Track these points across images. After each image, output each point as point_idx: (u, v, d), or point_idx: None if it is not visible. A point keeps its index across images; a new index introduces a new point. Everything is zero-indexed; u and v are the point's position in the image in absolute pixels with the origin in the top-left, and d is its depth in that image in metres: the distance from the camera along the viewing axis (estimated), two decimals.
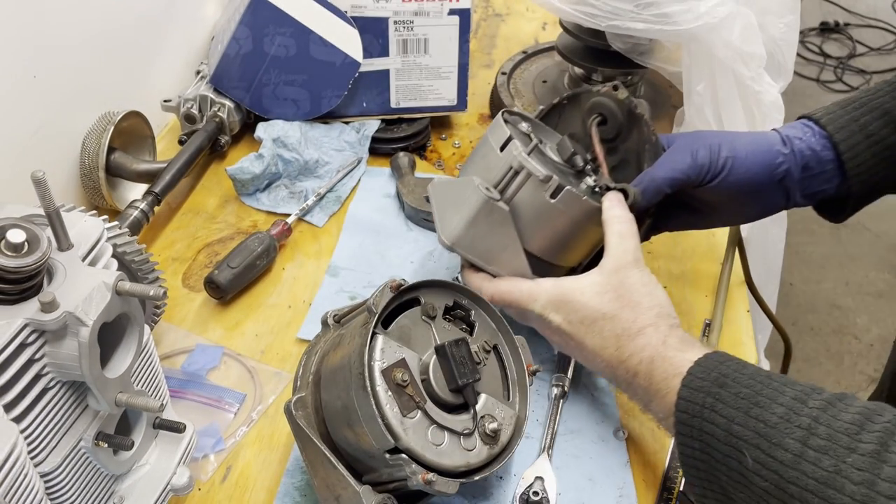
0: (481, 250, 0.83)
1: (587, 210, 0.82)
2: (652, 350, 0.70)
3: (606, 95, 0.91)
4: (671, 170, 0.82)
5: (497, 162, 0.82)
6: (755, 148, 0.83)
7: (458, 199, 0.83)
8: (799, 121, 0.86)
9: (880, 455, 0.53)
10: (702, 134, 0.85)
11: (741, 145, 0.83)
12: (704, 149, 0.82)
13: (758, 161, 0.82)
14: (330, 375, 0.71)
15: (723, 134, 0.86)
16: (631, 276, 0.75)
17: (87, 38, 1.05)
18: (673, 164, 0.82)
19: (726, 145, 0.82)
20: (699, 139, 0.84)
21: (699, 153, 0.81)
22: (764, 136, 0.84)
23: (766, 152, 0.82)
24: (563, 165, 0.86)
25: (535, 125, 0.92)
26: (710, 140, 0.83)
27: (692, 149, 0.82)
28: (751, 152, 0.82)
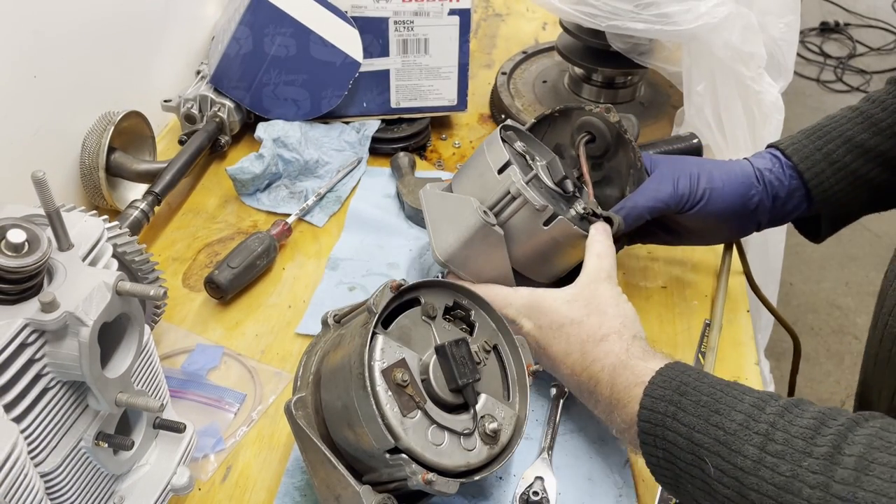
0: (472, 268, 0.86)
1: (576, 236, 0.87)
2: (614, 358, 0.72)
3: (598, 116, 0.94)
4: (653, 199, 0.86)
5: (494, 184, 0.85)
6: (731, 179, 0.87)
7: (454, 217, 0.86)
8: (767, 150, 0.91)
9: (833, 458, 0.54)
10: (682, 162, 0.90)
11: (718, 176, 0.87)
12: (685, 178, 0.86)
13: (733, 192, 0.87)
14: (330, 375, 0.72)
15: (702, 163, 0.90)
16: (601, 289, 0.79)
17: (87, 38, 1.05)
18: (655, 193, 0.86)
19: (705, 176, 0.87)
20: (680, 168, 0.88)
21: (680, 183, 0.86)
22: (739, 167, 0.89)
23: (741, 184, 0.87)
24: (554, 189, 0.89)
25: (528, 140, 0.95)
26: (689, 170, 0.87)
27: (674, 177, 0.86)
28: (727, 183, 0.87)
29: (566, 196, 0.90)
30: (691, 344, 0.94)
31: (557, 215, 0.84)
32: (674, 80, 1.26)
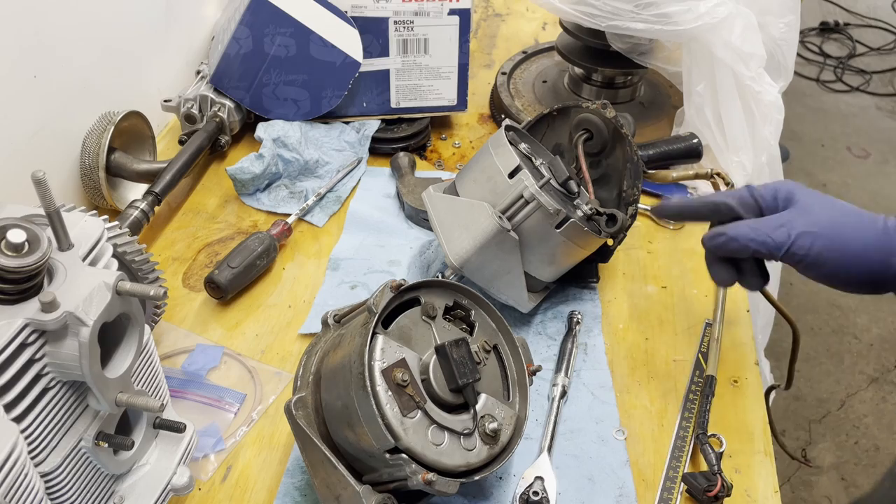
0: (487, 274, 0.88)
1: (586, 237, 0.89)
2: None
3: (595, 112, 0.95)
4: (751, 238, 0.75)
5: (505, 188, 0.87)
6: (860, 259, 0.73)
7: (467, 222, 0.87)
8: None
9: None
10: (823, 211, 0.74)
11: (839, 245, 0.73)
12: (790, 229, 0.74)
13: (857, 264, 0.73)
14: (330, 375, 0.72)
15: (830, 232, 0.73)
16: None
17: (87, 38, 1.05)
18: (755, 234, 0.75)
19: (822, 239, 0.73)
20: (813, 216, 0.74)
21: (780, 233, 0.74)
22: (882, 246, 0.72)
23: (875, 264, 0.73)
24: (560, 189, 0.90)
25: (528, 140, 0.96)
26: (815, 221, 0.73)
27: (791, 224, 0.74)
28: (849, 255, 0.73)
29: (570, 196, 0.91)
30: (691, 344, 0.94)
31: (570, 218, 0.86)
32: (674, 80, 1.26)
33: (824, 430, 2.22)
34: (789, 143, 3.22)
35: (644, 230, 1.10)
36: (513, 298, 0.91)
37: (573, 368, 0.90)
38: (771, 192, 0.77)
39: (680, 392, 0.89)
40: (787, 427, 2.22)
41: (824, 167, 3.17)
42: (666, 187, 1.15)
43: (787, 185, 0.77)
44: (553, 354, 0.92)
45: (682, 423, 0.85)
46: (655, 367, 0.92)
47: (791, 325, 0.92)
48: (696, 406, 0.86)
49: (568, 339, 0.93)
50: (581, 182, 0.95)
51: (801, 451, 2.15)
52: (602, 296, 1.00)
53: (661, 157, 1.12)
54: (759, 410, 0.87)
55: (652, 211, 0.88)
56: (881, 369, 2.39)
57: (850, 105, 3.55)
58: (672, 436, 0.84)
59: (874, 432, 2.21)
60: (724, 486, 0.76)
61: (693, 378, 0.90)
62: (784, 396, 2.27)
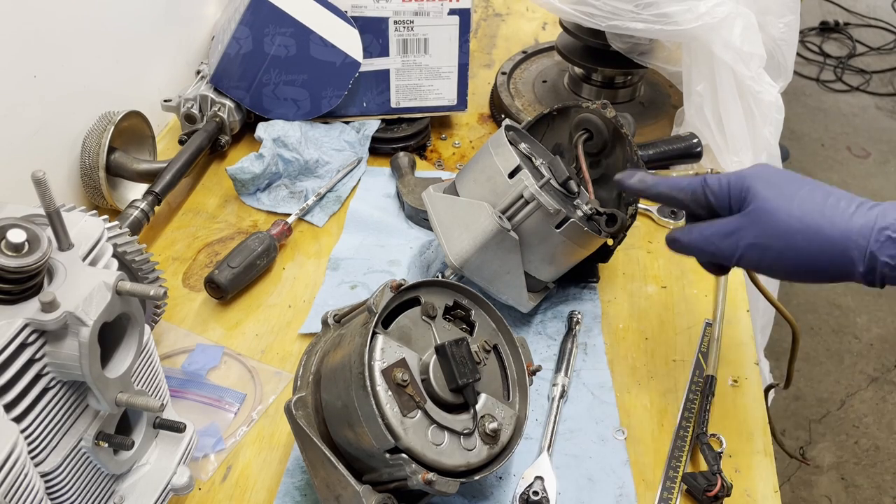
0: (487, 274, 0.88)
1: (586, 237, 0.89)
2: None
3: (595, 112, 0.95)
4: (702, 237, 0.74)
5: (506, 188, 0.87)
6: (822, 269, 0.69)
7: (467, 222, 0.87)
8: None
9: None
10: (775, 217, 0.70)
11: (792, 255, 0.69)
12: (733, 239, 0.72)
13: (803, 270, 0.70)
14: (330, 375, 0.72)
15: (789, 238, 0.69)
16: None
17: (87, 37, 1.05)
18: (703, 233, 0.74)
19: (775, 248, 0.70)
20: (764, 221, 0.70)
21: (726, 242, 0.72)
22: (841, 254, 0.67)
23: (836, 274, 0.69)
24: (560, 189, 0.90)
25: (530, 142, 0.96)
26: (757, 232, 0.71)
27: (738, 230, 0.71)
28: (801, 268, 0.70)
29: (570, 196, 0.91)
30: (691, 344, 0.94)
31: (570, 218, 0.86)
32: (674, 80, 1.26)
33: (824, 430, 2.22)
34: (789, 143, 3.22)
35: (644, 230, 1.10)
36: (513, 298, 0.91)
37: (573, 368, 0.90)
38: (724, 189, 0.73)
39: (680, 392, 0.89)
40: (787, 427, 2.22)
41: (824, 167, 3.17)
42: None
43: (742, 180, 0.72)
44: (553, 354, 0.92)
45: (682, 423, 0.85)
46: (655, 367, 0.92)
47: (791, 325, 0.92)
48: (696, 406, 0.86)
49: (568, 339, 0.93)
50: (581, 182, 0.95)
51: (799, 449, 2.15)
52: (602, 296, 1.00)
53: (661, 157, 1.12)
54: (759, 410, 0.87)
55: (617, 183, 0.84)
56: (881, 369, 2.39)
57: (850, 105, 3.55)
58: (672, 436, 0.84)
59: (874, 432, 2.21)
60: (724, 486, 0.76)
61: (693, 378, 0.90)
62: (784, 396, 2.27)
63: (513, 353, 0.79)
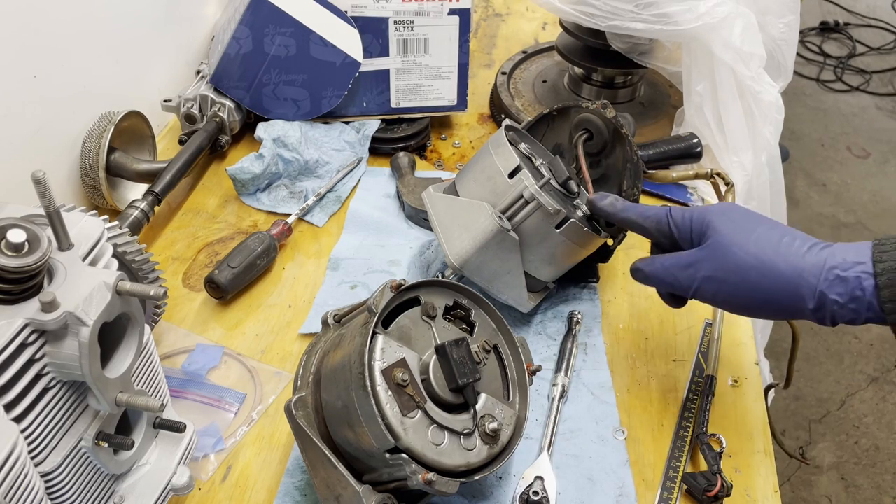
0: (487, 274, 0.88)
1: (586, 237, 0.89)
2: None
3: (595, 112, 0.95)
4: (662, 267, 0.76)
5: (505, 188, 0.87)
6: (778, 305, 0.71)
7: (467, 222, 0.87)
8: (858, 271, 0.67)
9: None
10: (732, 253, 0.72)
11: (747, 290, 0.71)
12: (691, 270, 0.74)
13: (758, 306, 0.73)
14: (330, 375, 0.72)
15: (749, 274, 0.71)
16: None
17: (87, 37, 1.05)
18: (665, 263, 0.76)
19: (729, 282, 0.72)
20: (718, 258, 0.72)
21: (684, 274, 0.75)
22: (793, 292, 0.69)
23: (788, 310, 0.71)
24: (559, 189, 0.90)
25: (530, 142, 0.96)
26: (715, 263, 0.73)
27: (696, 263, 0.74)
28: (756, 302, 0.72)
29: (570, 196, 0.91)
30: (691, 344, 0.94)
31: (570, 218, 0.86)
32: (674, 80, 1.26)
33: (824, 430, 2.22)
34: (789, 143, 3.22)
35: None
36: (513, 298, 0.91)
37: (573, 368, 0.90)
38: (686, 222, 0.76)
39: (680, 392, 0.89)
40: (787, 427, 2.22)
41: (824, 167, 3.18)
42: (666, 187, 1.15)
43: (704, 215, 0.75)
44: (553, 354, 0.92)
45: (682, 423, 0.85)
46: (655, 367, 0.92)
47: (791, 325, 0.92)
48: (696, 406, 0.86)
49: (568, 339, 0.93)
50: (581, 182, 0.95)
51: (799, 449, 2.15)
52: (602, 296, 1.00)
53: (661, 157, 1.12)
54: (759, 410, 0.87)
55: (588, 204, 0.88)
56: (881, 369, 2.39)
57: (850, 105, 3.55)
58: (672, 436, 0.84)
59: (874, 432, 2.21)
60: (723, 486, 0.76)
61: (693, 378, 0.90)
62: (784, 396, 2.27)
63: (513, 353, 0.79)
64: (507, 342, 0.79)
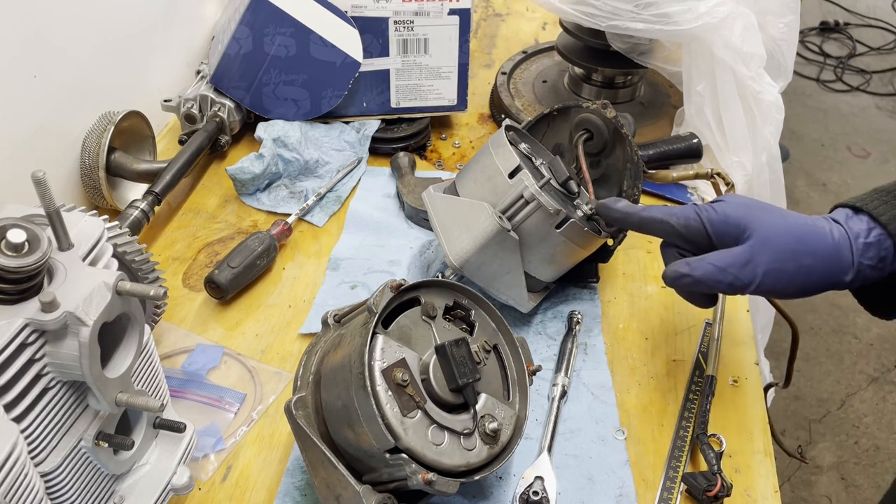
0: (487, 274, 0.88)
1: (586, 237, 0.89)
2: None
3: (595, 112, 0.95)
4: (714, 276, 0.74)
5: (505, 188, 0.87)
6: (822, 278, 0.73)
7: (467, 222, 0.87)
8: (870, 229, 0.72)
9: None
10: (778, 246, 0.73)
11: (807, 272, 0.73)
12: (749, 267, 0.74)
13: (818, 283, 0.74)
14: (330, 375, 0.72)
15: (793, 255, 0.73)
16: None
17: (87, 37, 1.05)
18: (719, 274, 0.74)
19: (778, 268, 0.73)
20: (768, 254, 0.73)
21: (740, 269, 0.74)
22: (837, 259, 0.72)
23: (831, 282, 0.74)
24: (560, 189, 0.90)
25: (530, 142, 0.96)
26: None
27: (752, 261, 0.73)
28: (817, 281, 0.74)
29: (570, 196, 0.91)
30: (691, 344, 0.94)
31: (570, 218, 0.86)
32: (674, 80, 1.26)
33: (824, 430, 2.22)
34: (789, 143, 3.22)
35: None
36: (513, 298, 0.91)
37: (573, 368, 0.90)
38: (721, 217, 0.75)
39: (680, 392, 0.89)
40: (787, 427, 2.22)
41: (824, 167, 3.18)
42: (666, 187, 1.15)
43: (736, 209, 0.75)
44: (553, 354, 0.92)
45: (682, 423, 0.85)
46: (655, 367, 0.92)
47: (791, 325, 0.92)
48: (696, 406, 0.86)
49: (568, 339, 0.93)
50: (581, 182, 0.95)
51: (797, 448, 2.15)
52: (602, 296, 1.00)
53: (661, 157, 1.12)
54: (759, 410, 0.87)
55: (596, 210, 0.87)
56: (881, 369, 2.39)
57: (850, 105, 3.55)
58: (672, 436, 0.84)
59: (874, 432, 2.21)
60: (723, 486, 0.76)
61: (693, 378, 0.90)
62: (784, 396, 2.27)
63: (513, 353, 0.79)
64: (507, 342, 0.79)
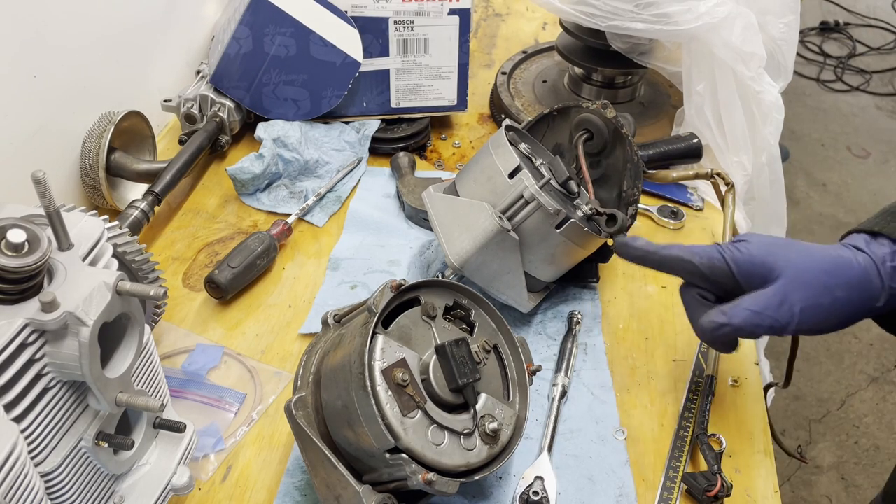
0: (487, 274, 0.88)
1: (586, 237, 0.89)
2: None
3: (595, 112, 0.95)
4: (753, 323, 0.72)
5: (505, 188, 0.87)
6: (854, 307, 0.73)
7: (467, 222, 0.87)
8: (894, 252, 0.72)
9: None
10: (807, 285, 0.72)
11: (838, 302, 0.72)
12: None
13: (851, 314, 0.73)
14: (330, 375, 0.72)
15: (824, 289, 0.72)
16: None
17: (87, 37, 1.05)
18: (758, 319, 0.72)
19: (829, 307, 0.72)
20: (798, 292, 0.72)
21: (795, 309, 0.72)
22: (867, 286, 0.72)
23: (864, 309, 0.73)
24: (559, 189, 0.90)
25: (530, 142, 0.96)
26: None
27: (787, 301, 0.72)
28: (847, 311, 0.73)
29: (570, 196, 0.91)
30: (691, 344, 0.94)
31: (570, 218, 0.86)
32: (674, 80, 1.26)
33: (824, 430, 2.22)
34: (789, 142, 3.22)
35: (644, 230, 1.10)
36: (513, 298, 0.91)
37: (573, 368, 0.90)
38: (747, 258, 0.74)
39: (680, 392, 0.89)
40: (787, 427, 2.22)
41: (824, 167, 3.18)
42: (666, 187, 1.15)
43: (760, 248, 0.74)
44: (553, 354, 0.92)
45: (682, 423, 0.85)
46: (655, 367, 0.92)
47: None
48: (696, 406, 0.86)
49: (568, 339, 0.93)
50: (581, 182, 0.95)
51: (797, 448, 2.15)
52: (602, 296, 1.00)
53: (661, 157, 1.12)
54: (759, 410, 0.87)
55: (614, 248, 0.84)
56: (881, 369, 2.39)
57: (850, 105, 3.55)
58: (672, 436, 0.84)
59: (874, 432, 2.21)
60: (723, 486, 0.76)
61: (693, 378, 0.90)
62: (784, 396, 2.27)
63: (513, 353, 0.79)
64: (507, 342, 0.79)
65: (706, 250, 0.76)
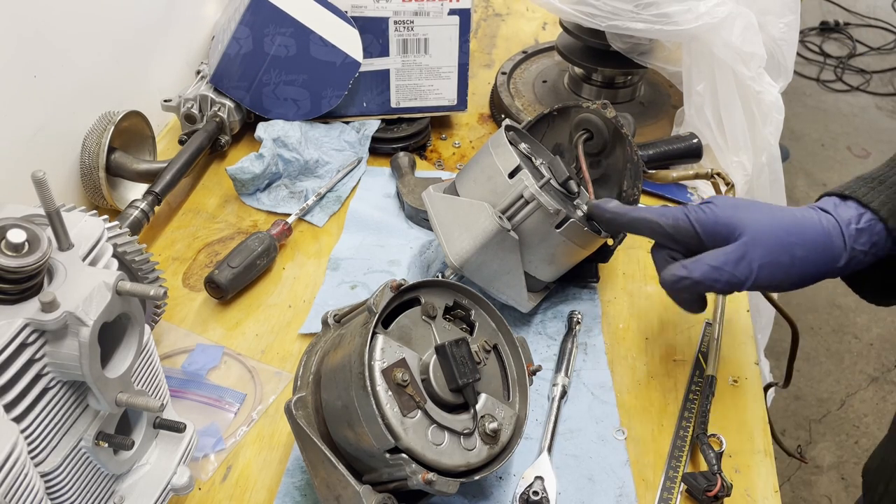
0: (487, 274, 0.88)
1: (586, 237, 0.89)
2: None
3: (595, 112, 0.95)
4: (712, 277, 0.74)
5: (505, 188, 0.87)
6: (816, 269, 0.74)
7: (467, 222, 0.87)
8: (854, 208, 0.74)
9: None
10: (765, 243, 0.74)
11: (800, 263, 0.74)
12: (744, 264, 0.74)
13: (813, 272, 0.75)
14: (330, 375, 0.72)
15: (785, 248, 0.73)
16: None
17: (87, 37, 1.05)
18: (716, 274, 0.74)
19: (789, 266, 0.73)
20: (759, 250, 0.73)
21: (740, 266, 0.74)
22: (828, 247, 0.73)
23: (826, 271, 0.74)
24: (559, 189, 0.90)
25: (530, 142, 0.96)
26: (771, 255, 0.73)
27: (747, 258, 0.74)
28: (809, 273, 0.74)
29: (570, 196, 0.91)
30: (691, 344, 0.94)
31: (570, 218, 0.86)
32: (674, 80, 1.26)
33: (824, 430, 2.22)
34: (789, 143, 3.22)
35: None
36: (513, 298, 0.91)
37: (573, 368, 0.90)
38: (711, 218, 0.76)
39: (680, 392, 0.89)
40: (787, 427, 2.22)
41: (824, 167, 3.18)
42: (666, 187, 1.15)
43: (724, 209, 0.76)
44: (553, 354, 0.92)
45: (682, 423, 0.85)
46: (655, 367, 0.92)
47: (791, 325, 0.92)
48: (696, 406, 0.86)
49: (568, 339, 0.93)
50: (581, 182, 0.95)
51: (797, 448, 2.15)
52: (602, 296, 1.00)
53: (661, 157, 1.12)
54: (759, 410, 0.87)
55: (587, 212, 0.88)
56: (881, 369, 2.40)
57: (850, 105, 3.55)
58: (672, 436, 0.84)
59: (874, 432, 2.21)
60: (723, 486, 0.76)
61: (693, 378, 0.90)
62: (784, 396, 2.27)
63: (513, 353, 0.79)
64: (507, 342, 0.79)
65: (672, 212, 0.78)
